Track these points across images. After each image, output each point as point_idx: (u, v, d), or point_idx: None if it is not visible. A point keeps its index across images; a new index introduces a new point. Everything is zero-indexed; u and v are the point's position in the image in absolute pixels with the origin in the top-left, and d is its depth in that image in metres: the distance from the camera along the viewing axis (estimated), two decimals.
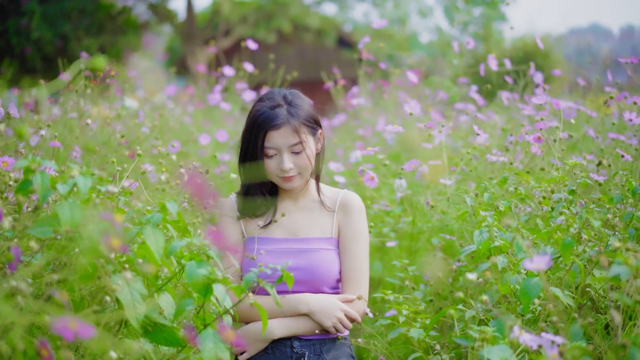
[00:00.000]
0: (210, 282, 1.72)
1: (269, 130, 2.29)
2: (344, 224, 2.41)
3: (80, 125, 3.56)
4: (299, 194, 2.45)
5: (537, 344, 1.58)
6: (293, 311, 2.29)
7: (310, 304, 2.29)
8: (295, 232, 2.40)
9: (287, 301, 2.30)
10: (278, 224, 2.41)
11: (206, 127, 5.27)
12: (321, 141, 2.44)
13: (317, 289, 2.34)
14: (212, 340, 1.69)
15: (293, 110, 2.32)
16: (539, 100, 2.73)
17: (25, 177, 1.63)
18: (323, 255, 2.36)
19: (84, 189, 1.61)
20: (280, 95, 2.36)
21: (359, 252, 2.39)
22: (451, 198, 2.93)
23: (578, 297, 2.03)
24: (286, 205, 2.44)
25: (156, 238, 1.75)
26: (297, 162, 2.32)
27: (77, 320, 1.01)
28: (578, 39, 42.93)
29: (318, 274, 2.33)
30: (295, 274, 2.29)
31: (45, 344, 1.10)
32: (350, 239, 2.39)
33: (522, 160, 3.23)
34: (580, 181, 2.27)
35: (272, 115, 2.30)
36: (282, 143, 2.30)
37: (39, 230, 1.62)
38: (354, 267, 2.36)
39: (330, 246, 2.38)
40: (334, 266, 2.36)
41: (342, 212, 2.42)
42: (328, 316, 2.27)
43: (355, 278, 2.36)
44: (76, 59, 7.58)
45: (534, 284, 1.78)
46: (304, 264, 2.33)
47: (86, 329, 1.01)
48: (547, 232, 2.00)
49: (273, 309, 2.27)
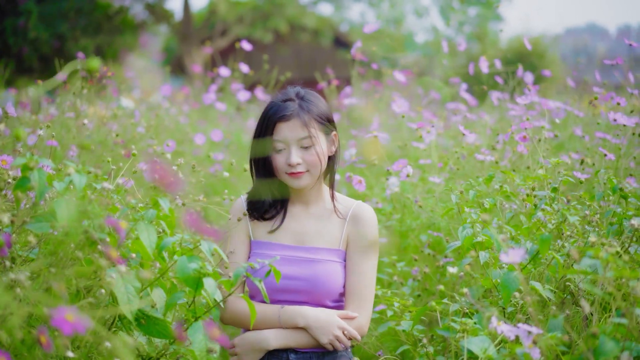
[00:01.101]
0: (201, 276, 1.79)
1: (277, 122, 2.24)
2: (353, 237, 2.31)
3: (77, 125, 3.63)
4: (311, 200, 2.37)
5: (514, 334, 1.65)
6: (290, 323, 2.23)
7: (308, 318, 2.22)
8: (302, 240, 2.33)
9: (285, 312, 2.24)
10: (286, 230, 2.34)
11: (201, 127, 5.34)
12: (335, 143, 2.36)
13: (319, 301, 2.28)
14: (202, 332, 1.76)
15: (305, 105, 2.27)
16: (524, 101, 2.80)
17: (23, 174, 1.70)
18: (328, 268, 2.28)
19: (80, 186, 1.68)
20: (294, 91, 2.32)
21: (366, 267, 2.30)
22: (439, 196, 2.99)
23: (559, 292, 2.10)
24: (297, 210, 2.37)
25: (149, 234, 1.82)
26: (305, 157, 2.25)
27: (74, 312, 1.07)
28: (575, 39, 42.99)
29: (320, 286, 2.26)
30: (298, 283, 2.25)
31: (44, 332, 1.16)
32: (359, 253, 2.30)
33: (511, 159, 3.30)
34: (562, 179, 2.34)
35: (282, 107, 2.25)
36: (291, 136, 2.23)
37: (36, 225, 1.69)
38: (360, 283, 2.28)
39: (336, 258, 2.30)
40: (338, 279, 2.28)
41: (352, 224, 2.33)
42: (325, 332, 2.21)
43: (359, 294, 2.28)
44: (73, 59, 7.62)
45: (513, 278, 1.85)
46: (308, 274, 2.26)
47: (82, 323, 1.07)
48: (527, 228, 2.06)
49: (271, 318, 2.24)
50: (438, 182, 3.02)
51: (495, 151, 3.28)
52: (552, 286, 2.06)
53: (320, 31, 16.42)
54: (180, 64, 14.72)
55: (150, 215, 1.85)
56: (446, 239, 2.82)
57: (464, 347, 1.73)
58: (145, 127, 4.00)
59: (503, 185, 2.54)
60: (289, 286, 2.26)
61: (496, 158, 2.89)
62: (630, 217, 2.21)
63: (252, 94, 5.60)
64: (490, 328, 1.67)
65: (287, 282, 2.25)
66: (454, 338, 1.88)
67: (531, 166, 2.87)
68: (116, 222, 1.48)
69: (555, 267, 2.06)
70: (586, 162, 2.78)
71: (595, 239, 1.74)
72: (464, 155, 3.26)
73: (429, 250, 2.97)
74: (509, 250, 1.59)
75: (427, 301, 2.85)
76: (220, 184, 4.14)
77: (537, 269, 2.12)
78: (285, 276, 2.23)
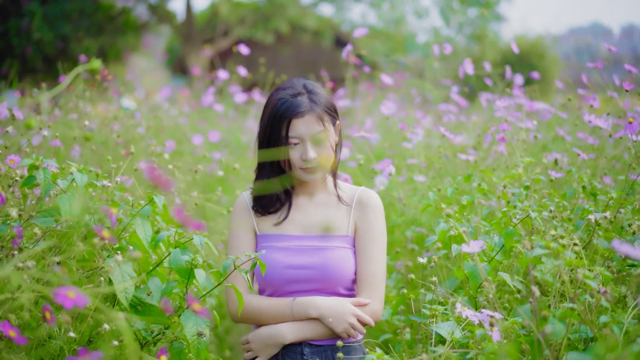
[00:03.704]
0: (192, 267, 1.95)
1: (293, 119, 2.19)
2: (361, 222, 2.28)
3: (79, 125, 3.79)
4: (316, 190, 2.34)
5: (478, 319, 1.80)
6: (303, 315, 2.19)
7: (321, 308, 2.17)
8: (309, 229, 2.29)
9: (297, 304, 2.20)
10: (292, 221, 2.30)
11: (201, 127, 5.50)
12: (338, 132, 2.33)
13: (332, 289, 2.24)
14: (193, 319, 1.92)
15: (315, 98, 2.23)
16: (503, 103, 2.96)
17: (29, 173, 1.87)
18: (337, 254, 2.23)
19: (81, 184, 1.84)
20: (300, 84, 2.27)
21: (375, 252, 2.26)
22: (422, 194, 3.15)
23: (527, 282, 2.25)
24: (301, 201, 2.33)
25: (145, 228, 1.98)
26: (320, 151, 2.22)
27: (75, 290, 1.23)
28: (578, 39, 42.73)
29: (331, 273, 2.21)
30: (308, 272, 2.22)
31: (49, 308, 1.33)
32: (367, 238, 2.26)
33: (496, 159, 3.46)
34: (534, 177, 2.49)
35: (295, 103, 2.20)
36: (306, 132, 2.19)
37: (42, 220, 1.85)
38: (370, 268, 2.24)
39: (346, 244, 2.26)
40: (349, 265, 2.24)
41: (358, 209, 2.30)
42: (339, 321, 2.16)
43: (370, 280, 2.23)
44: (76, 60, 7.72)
45: (480, 269, 2.00)
46: (318, 262, 2.22)
47: (82, 298, 1.23)
48: (497, 222, 2.22)
49: (283, 311, 2.21)
50: (423, 181, 3.18)
51: (479, 151, 3.44)
52: (521, 276, 2.22)
53: (321, 32, 16.56)
54: (182, 65, 14.88)
55: (146, 211, 2.01)
56: (427, 235, 2.98)
57: (433, 331, 1.89)
58: (145, 127, 4.16)
59: (481, 184, 2.70)
60: (300, 276, 2.22)
61: (476, 158, 3.04)
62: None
63: (250, 96, 5.76)
64: (456, 313, 1.82)
65: (298, 272, 2.22)
66: (425, 323, 2.03)
67: (510, 166, 3.02)
68: (107, 208, 1.63)
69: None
70: (561, 161, 2.93)
71: (554, 232, 1.89)
72: (448, 155, 3.42)
73: (413, 245, 3.13)
74: (470, 241, 1.75)
75: (410, 294, 3.00)
76: (216, 182, 4.30)
77: (508, 261, 2.27)
78: (295, 266, 2.22)
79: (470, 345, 1.84)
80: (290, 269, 2.23)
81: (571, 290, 1.68)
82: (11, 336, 1.28)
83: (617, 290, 1.93)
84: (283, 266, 2.22)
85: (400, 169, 3.68)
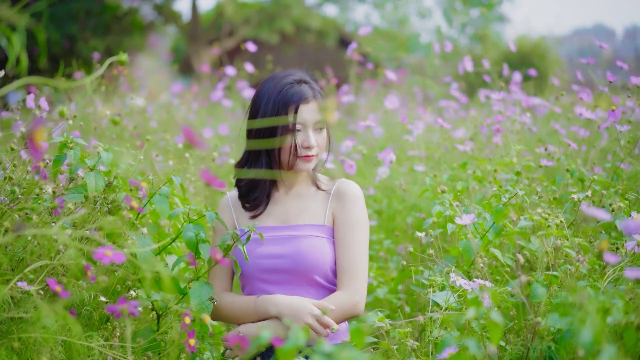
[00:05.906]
0: (198, 242, 2.13)
1: (300, 105, 2.21)
2: (339, 212, 2.26)
3: (95, 119, 3.98)
4: (295, 183, 2.33)
5: (470, 287, 1.98)
6: (264, 312, 2.17)
7: (280, 306, 2.14)
8: (286, 219, 2.29)
9: (260, 301, 2.19)
10: (269, 213, 2.31)
11: (209, 123, 5.68)
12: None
13: (308, 278, 2.21)
14: (200, 289, 2.10)
15: (315, 87, 2.27)
16: (497, 96, 3.13)
17: (60, 151, 2.05)
18: (311, 242, 2.21)
19: (107, 162, 2.03)
20: (298, 73, 2.29)
21: (354, 241, 2.22)
22: (422, 181, 3.33)
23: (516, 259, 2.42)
24: (279, 194, 2.34)
25: (162, 206, 2.17)
26: (318, 140, 2.25)
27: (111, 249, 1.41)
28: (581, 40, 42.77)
29: (304, 262, 2.19)
30: (282, 261, 2.21)
31: (89, 267, 1.50)
32: (346, 227, 2.23)
33: (494, 151, 3.63)
34: (524, 164, 2.67)
35: (300, 89, 2.22)
36: (310, 119, 2.22)
37: (71, 196, 2.03)
38: (350, 257, 2.20)
39: (321, 233, 2.24)
40: (324, 254, 2.21)
41: (336, 200, 2.28)
42: (296, 321, 2.10)
43: (349, 270, 2.19)
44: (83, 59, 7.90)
45: (472, 245, 2.18)
46: (290, 251, 2.21)
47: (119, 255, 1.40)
48: (487, 203, 2.39)
49: (247, 309, 2.20)
50: (422, 170, 3.36)
51: (476, 142, 3.62)
52: (511, 254, 2.39)
53: (325, 32, 16.73)
54: (188, 64, 15.06)
55: (165, 191, 2.20)
56: (426, 219, 3.16)
57: (431, 300, 2.06)
58: (157, 121, 4.34)
59: (475, 171, 2.88)
60: (273, 265, 2.22)
61: (472, 148, 3.22)
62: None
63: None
64: (451, 282, 2.00)
65: (272, 262, 2.22)
66: (424, 293, 2.20)
67: (504, 156, 3.19)
68: (137, 182, 1.81)
69: (515, 238, 2.39)
70: (553, 151, 3.10)
71: (541, 210, 2.07)
72: (446, 146, 3.60)
73: (413, 230, 3.31)
74: (463, 215, 1.92)
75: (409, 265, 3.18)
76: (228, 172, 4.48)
77: (499, 239, 2.44)
78: (270, 255, 2.22)
79: (463, 311, 2.01)
80: (262, 258, 2.23)
81: (554, 260, 1.85)
82: (57, 291, 1.46)
83: (598, 263, 2.10)
84: (255, 256, 2.23)
85: (401, 161, 3.86)
